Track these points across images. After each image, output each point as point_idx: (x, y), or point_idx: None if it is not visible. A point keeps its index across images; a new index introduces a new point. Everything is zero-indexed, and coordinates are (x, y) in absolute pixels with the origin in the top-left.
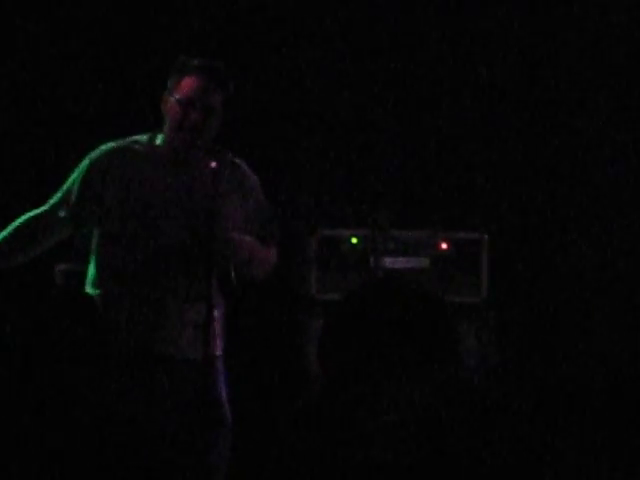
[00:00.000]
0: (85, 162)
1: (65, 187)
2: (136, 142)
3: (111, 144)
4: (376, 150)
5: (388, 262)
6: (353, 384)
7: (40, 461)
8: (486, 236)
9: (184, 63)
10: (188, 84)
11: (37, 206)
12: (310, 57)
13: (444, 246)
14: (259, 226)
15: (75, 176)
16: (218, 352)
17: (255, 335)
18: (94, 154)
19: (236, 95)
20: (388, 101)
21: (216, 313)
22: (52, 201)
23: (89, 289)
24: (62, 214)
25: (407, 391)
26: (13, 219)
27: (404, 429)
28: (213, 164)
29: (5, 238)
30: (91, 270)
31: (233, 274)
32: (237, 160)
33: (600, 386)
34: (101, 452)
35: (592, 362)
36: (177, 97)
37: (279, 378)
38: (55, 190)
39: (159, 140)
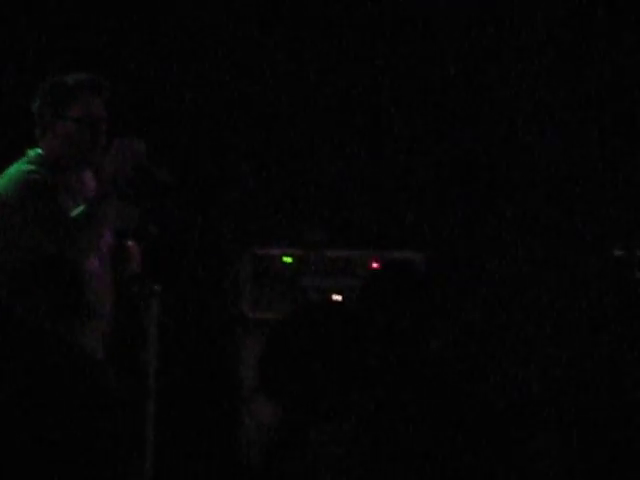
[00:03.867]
0: (33, 177)
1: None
2: (35, 172)
3: (23, 175)
4: (310, 170)
5: (320, 282)
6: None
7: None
8: (421, 255)
9: (69, 83)
10: (89, 103)
11: None
12: (242, 70)
13: (376, 266)
14: None
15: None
16: None
17: (189, 353)
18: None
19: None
20: (322, 120)
21: None
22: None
23: None
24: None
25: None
26: None
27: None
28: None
29: None
30: None
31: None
32: None
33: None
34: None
35: (512, 380)
36: (80, 118)
37: (212, 395)
38: None
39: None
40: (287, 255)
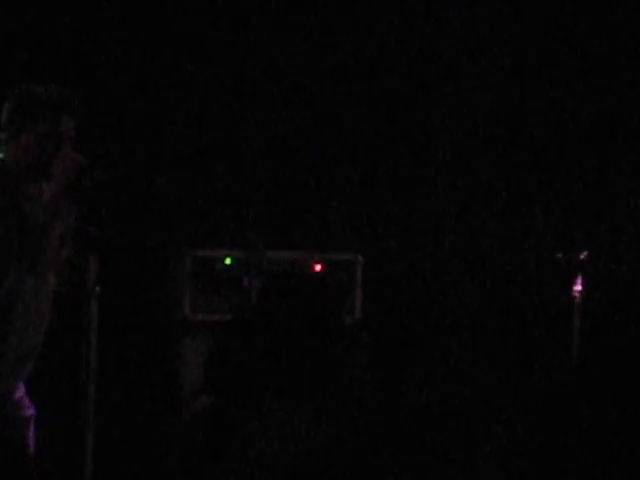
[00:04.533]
0: None
1: None
2: None
3: None
4: (251, 171)
5: (262, 283)
6: (241, 404)
7: None
8: (360, 257)
9: (41, 97)
10: (58, 121)
11: None
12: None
13: (318, 267)
14: None
15: None
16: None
17: (129, 355)
18: None
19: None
20: (263, 122)
21: None
22: None
23: None
24: None
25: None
26: None
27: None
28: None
29: None
30: None
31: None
32: None
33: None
34: None
35: (460, 381)
36: (46, 134)
37: (153, 398)
38: None
39: None
40: (228, 256)
